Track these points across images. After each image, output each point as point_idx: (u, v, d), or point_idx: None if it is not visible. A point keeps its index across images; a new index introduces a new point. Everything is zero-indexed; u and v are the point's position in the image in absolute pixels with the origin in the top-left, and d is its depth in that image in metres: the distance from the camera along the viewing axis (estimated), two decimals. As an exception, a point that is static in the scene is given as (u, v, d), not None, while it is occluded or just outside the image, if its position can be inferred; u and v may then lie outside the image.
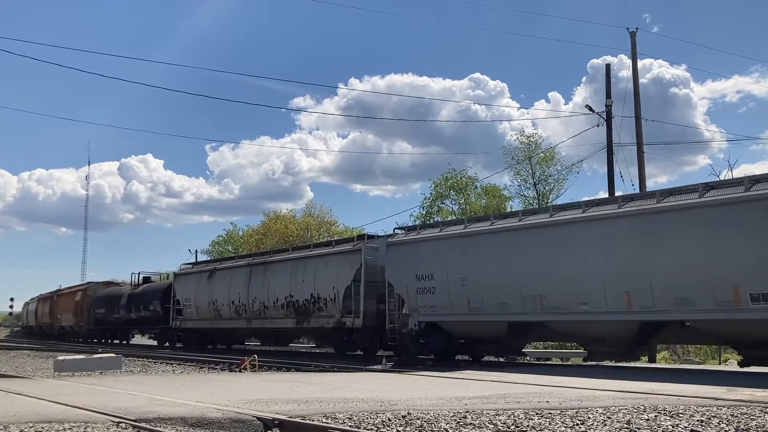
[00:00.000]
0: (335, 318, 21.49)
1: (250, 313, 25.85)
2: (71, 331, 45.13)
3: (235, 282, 26.92)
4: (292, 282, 23.69)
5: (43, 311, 50.93)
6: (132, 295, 36.10)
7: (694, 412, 7.55)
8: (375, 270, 20.76)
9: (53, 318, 48.24)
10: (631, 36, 25.85)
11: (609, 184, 24.67)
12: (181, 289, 30.51)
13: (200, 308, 28.77)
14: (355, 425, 7.07)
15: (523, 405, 8.38)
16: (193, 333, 30.03)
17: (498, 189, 43.48)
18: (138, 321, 35.64)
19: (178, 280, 31.29)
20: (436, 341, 18.25)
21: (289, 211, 58.62)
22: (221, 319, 27.60)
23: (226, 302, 26.99)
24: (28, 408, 8.37)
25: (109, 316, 37.97)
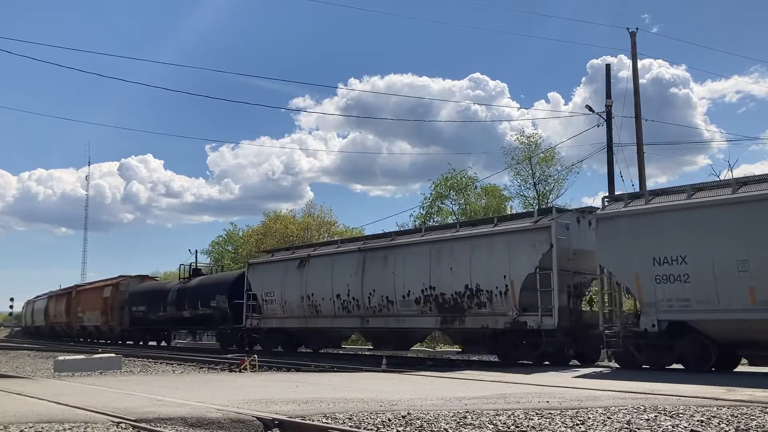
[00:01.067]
0: (509, 316, 16.68)
1: (365, 310, 20.78)
2: (97, 332, 40.27)
3: (340, 271, 21.83)
4: (434, 270, 18.66)
5: (58, 309, 46.20)
6: (184, 290, 31.17)
7: (694, 412, 7.55)
8: (567, 254, 16.34)
9: (72, 317, 43.14)
10: (631, 36, 25.87)
11: (609, 184, 24.68)
12: (259, 281, 25.28)
13: (288, 304, 23.67)
14: (355, 425, 7.07)
15: (523, 405, 8.38)
16: (277, 334, 24.88)
17: (498, 189, 43.46)
18: (193, 320, 30.77)
19: (255, 271, 25.88)
20: (685, 346, 13.84)
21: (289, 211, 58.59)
22: (320, 317, 22.50)
23: (328, 296, 22.01)
24: (28, 408, 8.37)
25: (151, 314, 33.32)
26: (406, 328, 20.45)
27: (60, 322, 45.91)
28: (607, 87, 25.73)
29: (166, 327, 34.96)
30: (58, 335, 47.14)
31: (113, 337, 37.97)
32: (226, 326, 27.99)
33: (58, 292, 49.47)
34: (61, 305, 45.68)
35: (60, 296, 47.09)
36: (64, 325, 45.41)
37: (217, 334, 30.21)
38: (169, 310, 31.82)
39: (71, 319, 43.31)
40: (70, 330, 44.31)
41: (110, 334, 38.33)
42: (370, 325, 21.06)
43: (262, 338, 25.53)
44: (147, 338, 36.49)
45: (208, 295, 28.89)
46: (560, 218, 16.61)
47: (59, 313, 45.86)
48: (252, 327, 25.53)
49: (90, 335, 41.69)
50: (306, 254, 23.81)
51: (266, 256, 27.20)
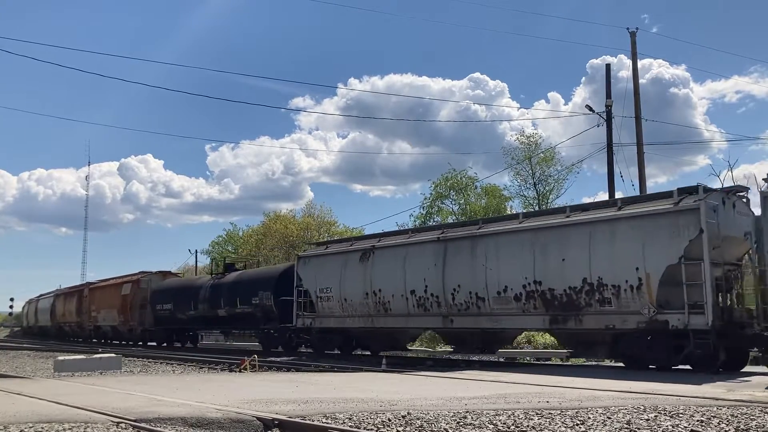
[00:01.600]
0: (644, 315, 14.29)
1: (447, 308, 18.08)
2: (113, 332, 37.35)
3: (415, 264, 19.16)
4: (539, 262, 16.14)
5: (67, 309, 43.45)
6: (219, 287, 28.34)
7: (694, 412, 7.55)
8: (715, 241, 13.92)
9: (84, 317, 40.33)
10: (631, 36, 25.88)
11: (609, 184, 24.70)
12: (312, 276, 22.52)
13: (349, 301, 20.93)
14: (355, 425, 7.07)
15: (523, 405, 8.38)
16: (334, 334, 22.16)
17: (498, 189, 43.51)
18: (230, 319, 27.90)
19: (306, 265, 23.06)
20: None
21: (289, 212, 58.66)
22: (389, 315, 19.86)
23: (399, 292, 19.38)
24: (28, 408, 8.37)
25: (179, 313, 30.59)
26: (502, 329, 17.86)
27: (70, 321, 43.44)
28: (607, 87, 25.75)
29: (197, 327, 32.02)
30: (66, 336, 44.96)
31: (133, 337, 35.04)
32: (271, 326, 25.13)
33: (66, 290, 47.07)
34: (70, 304, 43.08)
35: (69, 294, 44.53)
36: (74, 325, 42.91)
37: (260, 334, 26.93)
38: (201, 308, 28.96)
39: (83, 319, 40.75)
40: (82, 330, 41.85)
41: (129, 335, 35.47)
42: (455, 326, 18.22)
43: (315, 339, 22.65)
44: (173, 339, 33.42)
45: (249, 292, 25.98)
46: (708, 198, 14.08)
47: (69, 313, 43.32)
48: (304, 327, 22.58)
49: (104, 336, 38.88)
50: (370, 245, 20.91)
51: (319, 248, 24.06)
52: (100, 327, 38.35)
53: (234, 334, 34.08)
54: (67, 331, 44.70)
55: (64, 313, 44.21)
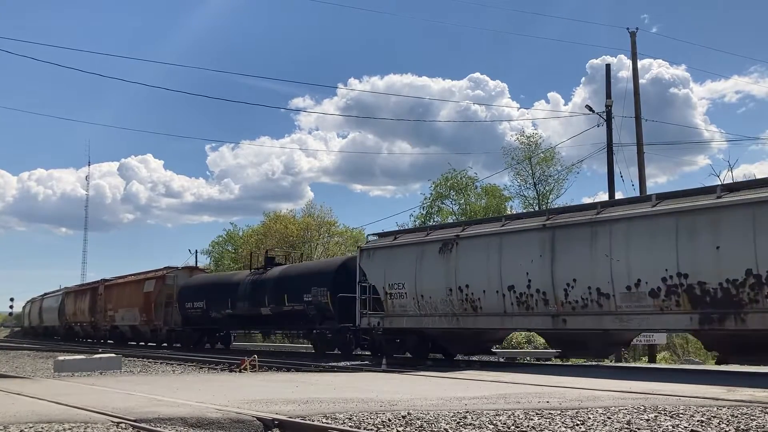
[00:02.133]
0: None
1: (558, 306, 15.61)
2: (133, 333, 34.78)
3: (514, 255, 16.61)
4: (684, 251, 13.73)
5: (79, 307, 41.00)
6: (262, 283, 25.64)
7: (694, 412, 7.55)
8: None
9: (100, 316, 37.69)
10: (631, 36, 25.87)
11: (609, 184, 24.70)
12: (379, 270, 19.98)
13: (427, 298, 18.39)
14: (355, 425, 7.07)
15: (523, 405, 8.38)
16: (408, 335, 19.54)
17: (498, 189, 43.55)
18: (275, 318, 25.15)
19: (371, 257, 20.46)
20: None
21: (289, 211, 58.65)
22: (479, 315, 17.31)
23: (493, 288, 16.80)
24: (27, 408, 8.37)
25: (213, 311, 27.85)
26: (632, 330, 15.43)
27: (82, 321, 40.85)
28: (607, 87, 25.76)
29: (235, 327, 29.73)
30: (77, 336, 42.88)
31: (157, 338, 32.68)
32: (327, 325, 22.52)
33: (77, 287, 44.69)
34: (82, 302, 40.51)
35: (81, 292, 41.99)
36: (87, 326, 40.30)
37: (313, 334, 24.22)
38: (240, 306, 26.31)
39: (98, 319, 38.12)
40: (96, 331, 39.24)
41: (152, 336, 32.94)
42: (569, 326, 15.68)
43: (383, 341, 20.04)
44: (204, 340, 30.65)
45: (300, 288, 23.27)
46: None
47: (80, 312, 40.79)
48: (370, 327, 20.03)
49: (122, 337, 36.30)
50: (453, 235, 18.36)
51: (385, 239, 21.31)
52: (118, 327, 36.01)
53: (277, 335, 31.61)
54: (78, 332, 42.72)
55: (75, 312, 42.00)
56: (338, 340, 22.35)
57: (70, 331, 43.83)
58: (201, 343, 30.52)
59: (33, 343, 37.79)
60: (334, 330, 22.12)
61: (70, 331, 43.72)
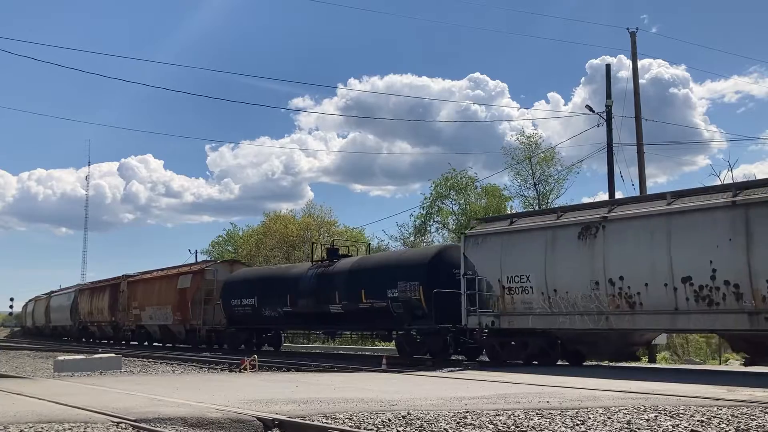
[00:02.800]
0: None
1: (756, 301, 12.75)
2: (163, 333, 31.53)
3: (688, 240, 13.83)
4: None
5: (96, 306, 38.11)
6: (330, 277, 22.65)
7: (694, 412, 7.55)
8: None
9: (122, 315, 34.83)
10: (631, 36, 25.86)
11: (609, 184, 24.69)
12: (491, 260, 16.94)
13: (561, 293, 15.59)
14: (355, 425, 7.07)
15: (523, 405, 8.38)
16: (532, 337, 16.49)
17: (498, 189, 43.54)
18: (350, 317, 22.07)
19: (481, 245, 17.38)
20: None
21: (289, 211, 58.67)
22: (638, 313, 14.48)
23: (661, 280, 14.03)
24: (27, 408, 8.37)
25: (268, 309, 24.88)
26: None
27: (100, 321, 37.77)
28: (608, 87, 25.75)
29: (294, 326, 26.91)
30: (93, 337, 40.30)
31: (193, 339, 29.23)
32: (420, 325, 19.42)
33: (92, 284, 41.46)
34: (101, 300, 37.43)
35: (99, 289, 38.87)
36: (106, 325, 37.28)
37: (399, 336, 21.06)
38: (302, 303, 23.41)
39: (120, 318, 35.05)
40: (116, 331, 36.14)
41: (188, 336, 29.77)
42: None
43: (496, 344, 17.09)
44: (252, 341, 27.24)
45: (382, 282, 20.36)
46: None
47: (98, 311, 37.67)
48: (480, 327, 17.08)
49: (149, 338, 33.29)
50: (597, 217, 15.57)
51: (497, 223, 18.10)
52: (144, 327, 33.02)
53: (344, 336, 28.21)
54: (94, 332, 39.87)
55: (92, 311, 38.93)
56: (433, 343, 19.13)
57: (84, 332, 41.37)
58: (249, 345, 27.15)
59: (33, 343, 37.68)
60: (430, 331, 18.97)
61: (85, 332, 41.27)
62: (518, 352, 16.80)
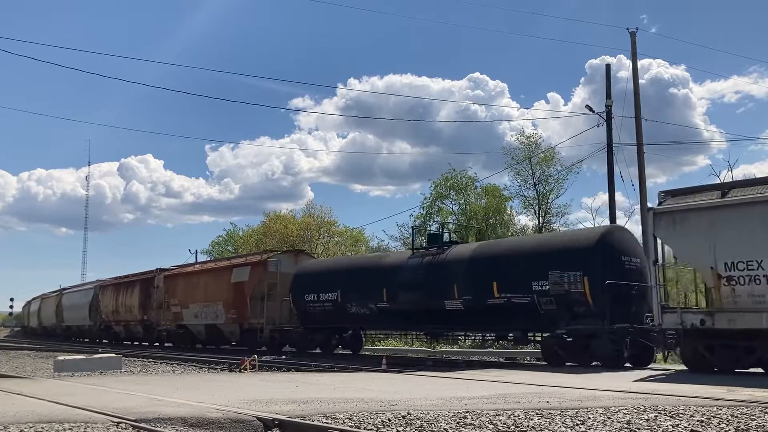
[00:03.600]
0: None
1: None
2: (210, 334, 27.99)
3: None
4: None
5: (123, 303, 34.28)
6: (444, 265, 18.93)
7: (694, 412, 7.55)
8: None
9: (154, 313, 31.37)
10: (631, 36, 25.85)
11: (609, 184, 24.70)
12: (698, 243, 13.50)
13: None
14: (355, 425, 7.07)
15: (523, 405, 8.38)
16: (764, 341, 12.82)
17: (498, 189, 43.50)
18: (472, 314, 18.11)
19: (678, 225, 13.95)
20: None
21: (289, 212, 58.66)
22: None
23: None
24: (28, 408, 8.37)
25: (356, 305, 21.14)
26: None
27: (128, 320, 34.05)
28: (608, 87, 25.77)
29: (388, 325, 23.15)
30: (117, 339, 36.50)
31: (254, 341, 24.95)
32: (581, 324, 15.77)
33: (118, 279, 37.22)
34: (129, 297, 33.66)
35: (127, 285, 34.74)
36: (136, 325, 33.49)
37: (546, 339, 16.85)
38: (402, 298, 19.76)
39: (152, 317, 31.41)
40: (148, 332, 32.50)
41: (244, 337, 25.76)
42: None
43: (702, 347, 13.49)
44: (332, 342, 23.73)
45: (524, 272, 16.87)
46: None
47: (126, 308, 33.97)
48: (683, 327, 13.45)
49: (193, 339, 29.41)
50: None
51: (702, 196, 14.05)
52: (186, 326, 29.28)
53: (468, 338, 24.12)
54: (119, 332, 36.04)
55: (117, 310, 35.00)
56: (601, 347, 15.32)
57: (106, 332, 37.65)
58: (329, 347, 23.53)
59: (33, 343, 37.66)
60: (599, 332, 15.35)
61: (107, 332, 37.54)
62: (739, 358, 13.25)
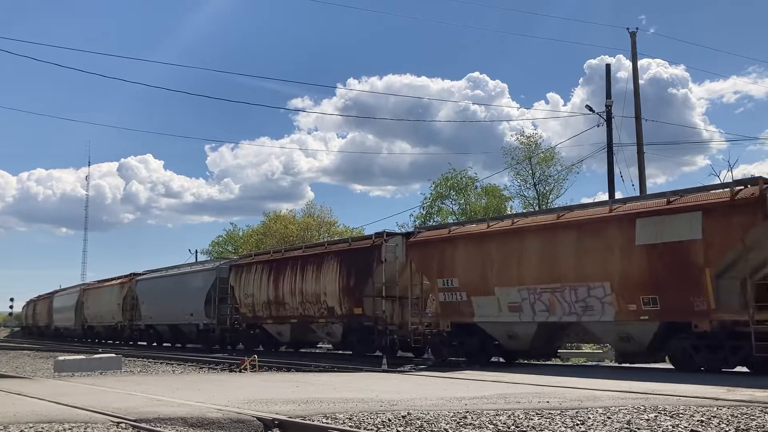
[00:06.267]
0: None
1: None
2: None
3: None
4: None
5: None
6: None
7: (694, 412, 7.55)
8: None
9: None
10: (631, 36, 25.85)
11: (609, 184, 24.70)
12: None
13: None
14: (355, 425, 7.07)
15: (523, 405, 8.38)
16: None
17: (498, 189, 43.50)
18: None
19: None
20: None
21: (289, 212, 58.69)
22: None
23: None
24: (28, 408, 8.37)
25: None
26: None
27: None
28: (607, 87, 25.77)
29: None
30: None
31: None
32: None
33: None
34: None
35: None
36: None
37: None
38: None
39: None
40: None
41: None
42: None
43: None
44: None
45: None
46: None
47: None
48: None
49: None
50: None
51: None
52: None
53: None
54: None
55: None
56: None
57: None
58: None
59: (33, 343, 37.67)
60: None
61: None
62: None
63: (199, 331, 28.09)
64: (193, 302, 28.22)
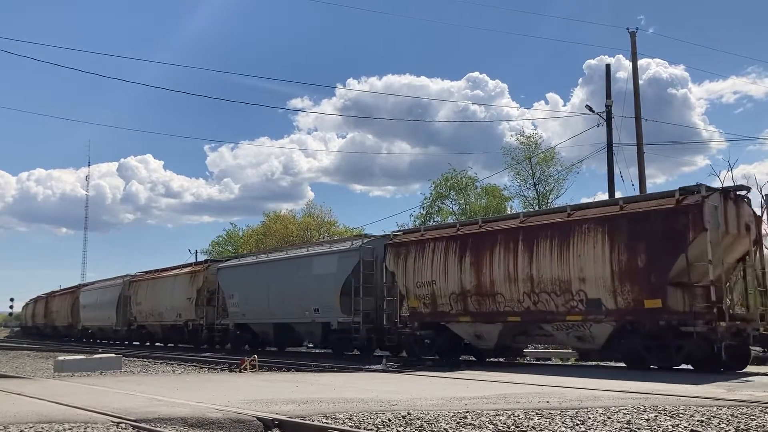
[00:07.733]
0: None
1: None
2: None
3: None
4: None
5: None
6: None
7: (694, 412, 7.55)
8: None
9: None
10: (631, 36, 25.84)
11: (609, 184, 24.69)
12: None
13: None
14: (355, 425, 7.07)
15: (523, 405, 8.38)
16: None
17: (498, 189, 43.53)
18: None
19: None
20: None
21: (289, 212, 58.72)
22: None
23: None
24: (28, 408, 8.37)
25: None
26: None
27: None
28: (607, 87, 25.75)
29: None
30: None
31: None
32: None
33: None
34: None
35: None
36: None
37: None
38: None
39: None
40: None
41: None
42: None
43: None
44: None
45: None
46: None
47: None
48: None
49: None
50: None
51: None
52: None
53: None
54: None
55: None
56: None
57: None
58: None
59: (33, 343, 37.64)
60: None
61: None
62: None
63: (330, 332, 21.47)
64: (320, 294, 21.47)
